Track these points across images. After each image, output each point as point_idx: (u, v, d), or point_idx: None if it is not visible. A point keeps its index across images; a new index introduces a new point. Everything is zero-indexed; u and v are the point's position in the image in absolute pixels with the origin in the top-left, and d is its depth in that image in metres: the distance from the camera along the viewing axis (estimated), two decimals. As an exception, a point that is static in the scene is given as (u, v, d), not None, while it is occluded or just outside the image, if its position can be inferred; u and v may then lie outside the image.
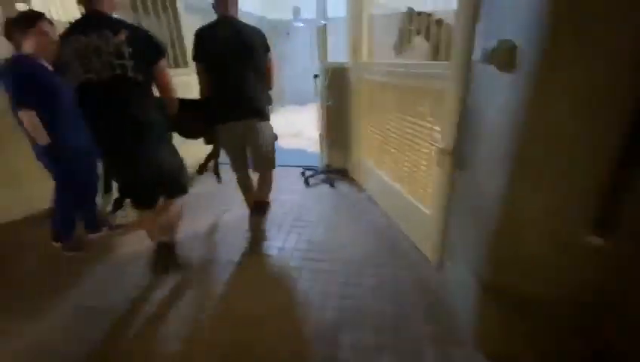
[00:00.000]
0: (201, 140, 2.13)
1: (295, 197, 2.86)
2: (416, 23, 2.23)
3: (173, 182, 1.76)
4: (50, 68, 1.76)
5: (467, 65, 1.35)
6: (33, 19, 1.69)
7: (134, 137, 1.53)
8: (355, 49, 2.64)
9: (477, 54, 1.23)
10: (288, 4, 7.28)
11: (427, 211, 1.86)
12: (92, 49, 1.37)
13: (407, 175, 2.13)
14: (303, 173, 3.33)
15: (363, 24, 2.53)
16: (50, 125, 1.71)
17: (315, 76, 2.92)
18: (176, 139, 1.87)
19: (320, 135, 3.30)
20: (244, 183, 2.18)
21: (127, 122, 1.50)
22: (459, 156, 1.52)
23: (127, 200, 1.95)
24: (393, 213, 2.36)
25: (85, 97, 1.48)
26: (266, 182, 2.18)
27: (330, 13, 2.83)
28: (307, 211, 2.60)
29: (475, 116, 1.34)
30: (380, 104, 2.43)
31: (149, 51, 1.47)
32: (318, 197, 2.85)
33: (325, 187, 3.03)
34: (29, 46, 1.68)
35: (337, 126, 3.17)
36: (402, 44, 2.32)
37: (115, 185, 2.20)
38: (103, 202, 2.38)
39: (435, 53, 2.12)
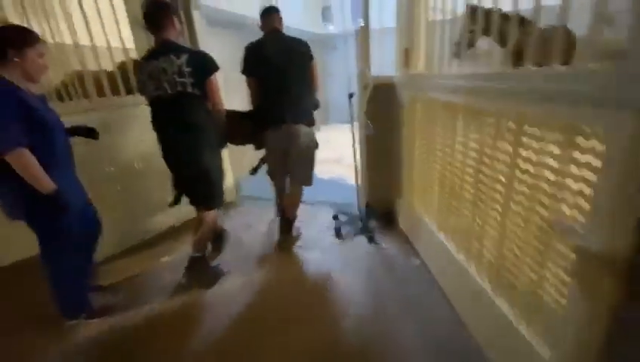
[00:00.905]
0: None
1: (320, 258, 2.13)
2: (482, 22, 1.41)
3: (212, 193, 1.89)
4: (40, 99, 1.43)
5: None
6: (34, 38, 1.36)
7: (192, 144, 1.74)
8: (406, 60, 1.88)
9: None
10: (335, 18, 6.75)
11: (545, 354, 0.99)
12: (160, 70, 1.62)
13: (497, 263, 1.25)
14: (335, 218, 2.60)
15: (420, 30, 1.76)
16: (45, 170, 1.35)
17: (351, 96, 2.22)
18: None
19: (357, 167, 2.55)
20: (279, 191, 2.36)
21: (186, 131, 1.71)
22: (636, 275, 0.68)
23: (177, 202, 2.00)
24: (467, 315, 1.47)
25: (156, 112, 1.75)
26: (293, 200, 2.25)
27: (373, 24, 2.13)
28: (333, 287, 1.84)
29: None
30: (447, 133, 1.61)
31: (202, 69, 1.67)
32: (352, 260, 2.07)
33: (362, 242, 2.25)
34: (17, 71, 1.32)
35: (381, 156, 2.39)
36: (463, 46, 1.50)
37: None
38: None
39: (516, 60, 1.26)
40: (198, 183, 1.82)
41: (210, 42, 3.09)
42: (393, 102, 2.20)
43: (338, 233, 2.35)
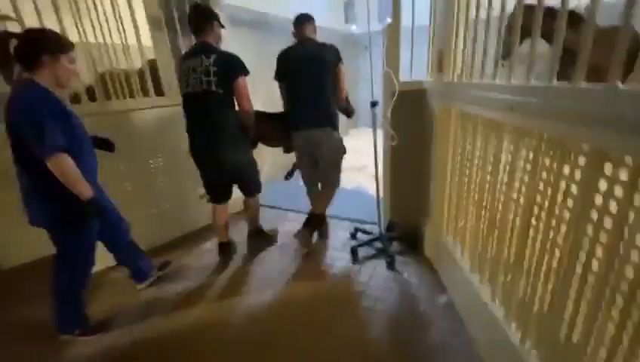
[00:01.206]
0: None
1: (330, 284, 1.91)
2: (537, 21, 1.03)
3: (247, 182, 2.09)
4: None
5: None
6: (68, 44, 1.37)
7: (214, 140, 1.83)
8: (439, 64, 1.61)
9: None
10: (358, 17, 6.44)
11: None
12: (191, 69, 1.75)
13: (549, 326, 0.96)
14: (353, 236, 2.37)
15: (458, 29, 1.48)
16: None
17: (373, 105, 1.97)
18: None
19: (380, 181, 2.30)
20: (309, 194, 2.36)
21: (209, 127, 1.82)
22: None
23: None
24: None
25: (186, 109, 1.88)
26: (323, 196, 2.27)
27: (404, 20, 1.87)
28: (338, 324, 1.61)
29: None
30: (488, 154, 1.31)
31: (228, 70, 1.75)
32: (367, 290, 1.82)
33: (381, 267, 2.00)
34: (48, 76, 1.32)
35: (407, 170, 2.13)
36: (509, 49, 1.12)
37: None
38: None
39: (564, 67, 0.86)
40: (230, 176, 2.01)
41: (232, 42, 2.98)
42: (423, 110, 1.93)
43: (354, 255, 2.12)
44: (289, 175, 2.42)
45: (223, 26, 1.91)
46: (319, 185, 2.28)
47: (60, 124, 1.28)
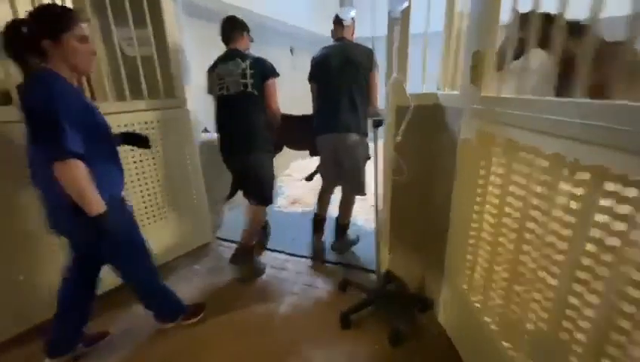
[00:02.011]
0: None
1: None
2: (536, 30, 0.88)
3: (263, 191, 1.99)
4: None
5: None
6: (69, 18, 1.09)
7: (246, 140, 1.87)
8: (476, 73, 1.14)
9: None
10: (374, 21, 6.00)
11: None
12: (227, 72, 1.83)
13: None
14: (342, 287, 1.85)
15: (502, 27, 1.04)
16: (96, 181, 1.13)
17: (377, 125, 1.45)
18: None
19: (378, 221, 1.81)
20: (322, 195, 2.28)
21: (243, 127, 1.86)
22: None
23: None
24: None
25: (219, 109, 1.94)
26: (343, 203, 2.24)
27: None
28: None
29: None
30: (554, 200, 0.85)
31: (262, 73, 1.83)
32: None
33: (382, 340, 1.48)
34: (59, 62, 1.09)
35: (413, 210, 1.66)
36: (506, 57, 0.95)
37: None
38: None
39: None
40: (249, 180, 1.97)
41: (188, 35, 2.42)
42: (438, 134, 1.46)
43: (345, 320, 1.59)
44: (310, 177, 2.37)
45: (252, 40, 1.98)
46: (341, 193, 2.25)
47: (79, 124, 1.07)
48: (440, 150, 1.48)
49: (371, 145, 1.73)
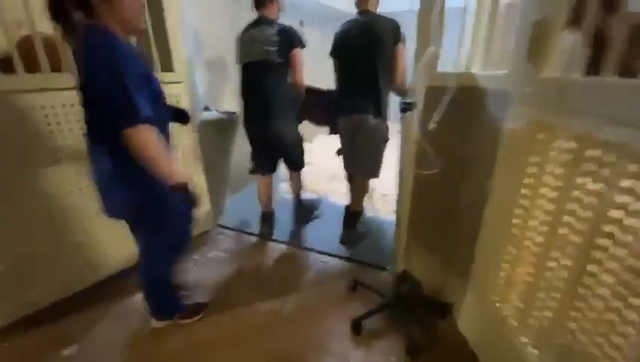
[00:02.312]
0: None
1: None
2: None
3: (292, 156, 2.13)
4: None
5: None
6: None
7: (268, 108, 1.87)
8: (535, 49, 0.92)
9: None
10: None
11: None
12: (253, 39, 1.81)
13: None
14: (353, 287, 1.70)
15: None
16: None
17: (405, 108, 1.20)
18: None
19: (397, 215, 1.64)
20: (348, 177, 2.24)
21: (266, 95, 1.86)
22: None
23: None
24: None
25: (243, 77, 1.92)
26: (356, 190, 2.12)
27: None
28: None
29: None
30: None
31: (288, 41, 1.80)
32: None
33: (396, 351, 1.35)
34: (111, 18, 0.95)
35: (437, 205, 1.48)
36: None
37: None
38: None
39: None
40: (276, 147, 2.00)
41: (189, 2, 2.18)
42: (473, 119, 1.26)
43: (356, 326, 1.44)
44: (339, 152, 2.22)
45: (282, 9, 1.92)
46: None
47: (143, 88, 0.96)
48: (474, 140, 1.28)
49: (396, 125, 1.54)
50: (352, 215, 2.12)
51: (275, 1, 1.85)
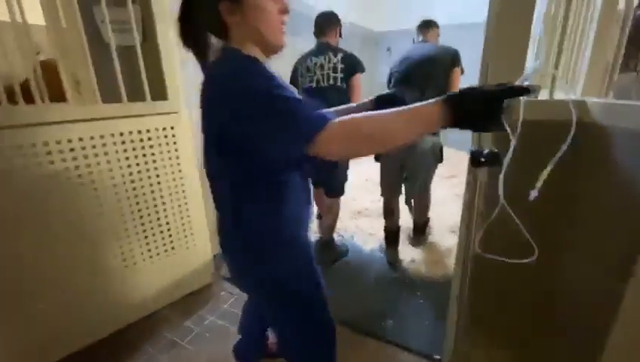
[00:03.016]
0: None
1: None
2: None
3: (334, 180, 2.04)
4: None
5: None
6: None
7: None
8: None
9: None
10: (389, 11, 5.45)
11: None
12: (319, 66, 1.89)
13: None
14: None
15: None
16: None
17: (479, 160, 0.71)
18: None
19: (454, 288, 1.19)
20: (387, 208, 2.13)
21: None
22: None
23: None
24: None
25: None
26: (420, 205, 2.22)
27: None
28: None
29: None
30: None
31: (352, 68, 1.90)
32: None
33: None
34: (244, 41, 0.77)
35: (512, 293, 1.01)
36: None
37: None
38: None
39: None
40: (321, 171, 1.97)
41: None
42: (582, 171, 0.81)
43: None
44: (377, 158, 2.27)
45: (341, 35, 2.00)
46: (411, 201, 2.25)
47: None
48: (584, 205, 0.83)
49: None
50: (419, 226, 2.28)
51: (335, 29, 1.94)
